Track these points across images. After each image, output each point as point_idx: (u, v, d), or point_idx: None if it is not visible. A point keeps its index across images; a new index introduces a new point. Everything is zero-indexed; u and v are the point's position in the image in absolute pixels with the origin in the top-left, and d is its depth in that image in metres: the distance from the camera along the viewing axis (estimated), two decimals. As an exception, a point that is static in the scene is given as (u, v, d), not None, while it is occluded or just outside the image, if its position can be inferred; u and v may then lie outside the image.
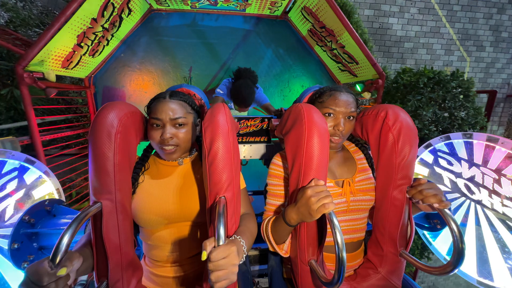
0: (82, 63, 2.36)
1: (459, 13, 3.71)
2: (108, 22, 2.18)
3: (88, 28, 2.04)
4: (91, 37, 2.15)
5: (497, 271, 1.03)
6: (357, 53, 2.34)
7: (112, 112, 0.67)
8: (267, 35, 3.02)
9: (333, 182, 0.82)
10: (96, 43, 2.27)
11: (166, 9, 2.59)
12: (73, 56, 2.15)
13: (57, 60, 2.07)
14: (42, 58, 1.90)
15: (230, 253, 0.54)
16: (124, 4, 2.18)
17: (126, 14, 2.31)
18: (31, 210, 0.90)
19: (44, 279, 0.46)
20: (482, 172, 1.16)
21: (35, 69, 1.86)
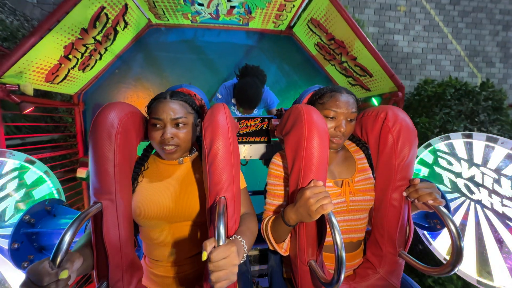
0: (71, 78, 2.17)
1: (465, 30, 3.67)
2: (101, 34, 2.04)
3: (78, 39, 1.88)
4: (81, 49, 1.99)
5: (497, 271, 1.02)
6: (371, 65, 2.14)
7: (112, 112, 0.68)
8: (271, 50, 2.87)
9: (333, 182, 0.84)
10: (87, 57, 2.10)
11: (165, 24, 2.49)
12: (59, 69, 1.96)
13: (40, 72, 1.87)
14: (21, 70, 1.69)
15: (230, 253, 0.55)
16: (120, 16, 2.06)
17: (121, 27, 2.19)
18: (31, 210, 0.90)
19: (44, 279, 0.47)
20: (482, 172, 1.16)
21: (10, 82, 1.61)
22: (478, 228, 1.10)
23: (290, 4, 2.13)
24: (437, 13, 3.62)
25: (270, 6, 2.14)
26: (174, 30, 2.60)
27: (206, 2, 2.06)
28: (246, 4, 2.09)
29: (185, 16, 2.31)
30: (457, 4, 3.67)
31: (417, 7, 3.55)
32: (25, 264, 0.86)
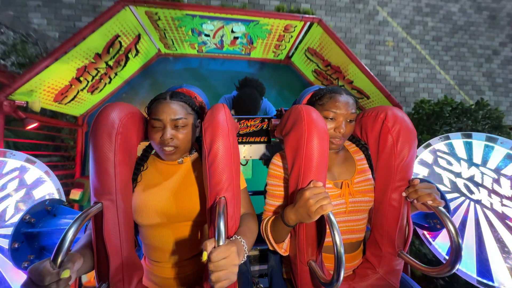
0: (79, 99, 2.24)
1: (450, 62, 3.94)
2: (113, 59, 2.18)
3: (91, 63, 2.00)
4: (93, 72, 2.10)
5: (497, 270, 1.02)
6: (367, 86, 2.24)
7: (112, 112, 0.68)
8: (272, 78, 3.05)
9: (332, 183, 0.83)
10: (97, 80, 2.21)
11: (174, 54, 2.68)
12: (69, 90, 2.04)
13: (50, 92, 1.94)
14: (32, 88, 1.76)
15: (231, 253, 0.55)
16: (132, 45, 2.23)
17: (133, 55, 2.35)
18: (31, 210, 0.90)
19: (46, 279, 0.47)
20: (481, 172, 1.16)
21: (20, 99, 1.67)
22: (477, 228, 1.10)
23: (289, 35, 2.33)
24: (423, 48, 3.92)
25: (270, 37, 2.34)
26: (181, 59, 2.80)
27: (212, 33, 2.26)
28: (248, 35, 2.30)
29: (192, 46, 2.51)
30: (439, 40, 4.00)
31: (404, 43, 3.87)
32: (25, 264, 0.85)
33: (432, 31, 3.95)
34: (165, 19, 2.00)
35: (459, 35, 4.03)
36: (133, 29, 2.08)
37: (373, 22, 3.77)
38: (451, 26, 4.02)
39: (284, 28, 2.18)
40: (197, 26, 2.11)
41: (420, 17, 3.94)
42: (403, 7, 3.90)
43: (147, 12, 1.89)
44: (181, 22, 2.04)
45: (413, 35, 3.88)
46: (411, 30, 3.89)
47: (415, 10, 3.94)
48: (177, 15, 1.94)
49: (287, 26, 2.14)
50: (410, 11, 3.91)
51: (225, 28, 2.15)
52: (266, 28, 2.16)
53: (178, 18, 1.98)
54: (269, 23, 2.08)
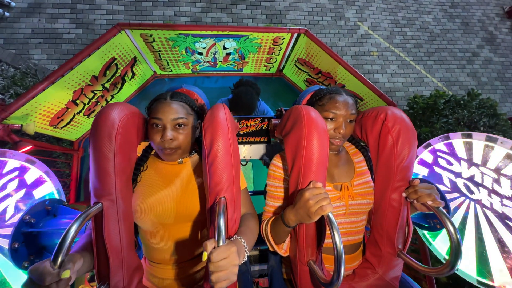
0: (75, 123, 2.24)
1: (435, 66, 4.12)
2: (110, 82, 2.22)
3: (87, 85, 2.03)
4: (89, 95, 2.13)
5: (497, 270, 1.01)
6: (360, 88, 2.29)
7: (112, 113, 0.67)
8: (265, 92, 3.12)
9: (332, 186, 0.83)
10: (93, 102, 2.23)
11: (169, 75, 2.77)
12: (65, 113, 2.04)
13: (46, 116, 1.93)
14: (28, 112, 1.75)
15: (231, 253, 0.54)
16: (128, 67, 2.30)
17: (129, 77, 2.41)
18: (31, 210, 0.89)
19: (46, 279, 0.47)
20: (481, 171, 1.15)
21: (14, 123, 1.65)
22: (478, 228, 1.09)
23: (278, 48, 2.43)
24: (406, 55, 4.13)
25: (260, 51, 2.42)
26: (176, 79, 2.88)
27: (205, 51, 2.36)
28: (240, 50, 2.41)
29: (186, 66, 2.60)
30: (420, 47, 4.19)
31: (388, 52, 4.06)
32: (26, 264, 0.84)
33: (412, 40, 4.19)
34: (160, 40, 2.09)
35: (438, 41, 4.28)
36: (129, 52, 2.16)
37: (356, 35, 4.01)
38: (429, 34, 4.29)
39: (273, 41, 2.29)
40: (190, 45, 2.21)
41: (399, 28, 4.21)
42: (381, 21, 4.19)
43: (142, 34, 1.99)
44: (174, 42, 2.13)
45: (395, 44, 4.10)
46: (393, 40, 4.12)
47: (393, 23, 4.23)
48: (171, 35, 2.03)
49: (275, 39, 2.26)
50: (389, 24, 4.19)
51: (217, 45, 2.25)
52: (256, 42, 2.26)
53: (171, 38, 2.08)
54: (258, 36, 2.18)
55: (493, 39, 4.46)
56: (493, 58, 4.34)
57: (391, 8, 4.29)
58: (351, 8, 4.11)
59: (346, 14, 4.06)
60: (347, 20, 4.03)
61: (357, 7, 4.15)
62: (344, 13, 4.06)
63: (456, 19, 4.46)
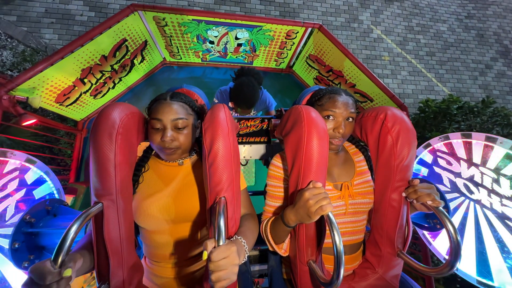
0: (81, 103, 2.22)
1: (446, 75, 4.05)
2: (119, 64, 2.20)
3: (96, 65, 2.01)
4: (97, 75, 2.11)
5: (496, 270, 1.01)
6: (370, 89, 2.24)
7: (113, 113, 0.67)
8: (274, 86, 3.09)
9: (332, 185, 0.82)
10: (101, 83, 2.21)
11: (178, 62, 2.74)
12: (72, 91, 2.02)
13: (52, 92, 1.91)
14: (35, 85, 1.74)
15: (231, 253, 0.54)
16: (139, 50, 2.28)
17: (138, 61, 2.39)
18: (31, 210, 0.89)
19: (47, 278, 0.47)
20: (481, 171, 1.15)
21: (20, 94, 1.64)
22: (477, 228, 1.09)
23: (290, 42, 2.40)
24: (418, 62, 4.10)
25: (272, 44, 2.40)
26: (185, 68, 2.86)
27: (216, 40, 2.34)
28: (251, 41, 2.38)
29: (196, 54, 2.58)
30: (433, 55, 4.14)
31: (399, 57, 4.01)
32: (26, 263, 0.84)
33: (425, 47, 4.13)
34: (172, 25, 2.07)
35: (451, 51, 4.21)
36: (140, 35, 2.14)
37: (369, 39, 3.96)
38: (443, 43, 4.22)
39: (286, 35, 2.26)
40: (202, 33, 2.19)
41: (412, 35, 4.16)
42: (395, 26, 4.14)
43: (155, 17, 1.97)
44: (187, 28, 2.11)
45: (408, 51, 4.04)
46: (405, 46, 4.07)
47: (407, 29, 4.17)
48: (184, 20, 2.01)
49: (289, 32, 2.22)
50: (402, 30, 4.14)
51: (229, 34, 2.22)
52: (269, 34, 2.23)
53: (184, 23, 2.05)
54: (272, 28, 2.15)
55: (507, 52, 4.38)
56: (506, 72, 4.26)
57: (406, 14, 4.24)
58: (366, 11, 4.06)
59: (360, 16, 4.01)
60: (361, 22, 3.99)
61: (372, 10, 4.11)
62: (358, 15, 4.01)
63: (471, 30, 4.39)
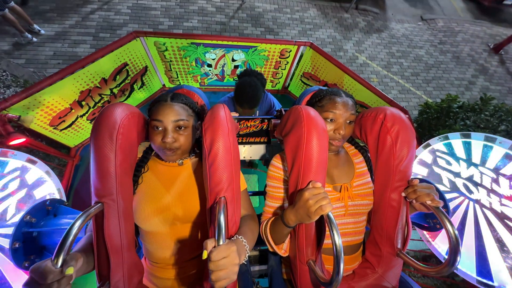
0: (76, 127, 2.16)
1: (435, 92, 4.23)
2: (119, 88, 2.23)
3: (95, 87, 2.03)
4: (96, 98, 2.11)
5: (496, 270, 1.01)
6: (368, 97, 2.27)
7: (114, 113, 0.67)
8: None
9: (331, 187, 0.82)
10: (99, 107, 2.20)
11: (177, 88, 2.82)
12: (68, 114, 1.98)
13: (47, 113, 1.86)
14: (30, 106, 1.70)
15: (231, 252, 0.54)
16: (139, 76, 2.34)
17: (138, 86, 2.44)
18: (32, 210, 0.89)
19: (48, 277, 0.47)
20: (480, 171, 1.15)
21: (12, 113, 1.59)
22: (477, 228, 1.08)
23: (284, 61, 2.51)
24: (405, 82, 4.33)
25: (267, 64, 2.50)
26: (184, 94, 2.93)
27: (214, 63, 2.44)
28: (247, 63, 2.51)
29: (195, 79, 2.67)
30: (418, 75, 4.39)
31: (387, 78, 4.22)
32: (26, 263, 0.84)
33: (409, 69, 4.41)
34: (172, 49, 2.17)
35: (434, 71, 4.49)
36: (141, 60, 2.22)
37: (355, 64, 4.24)
38: (424, 65, 4.53)
39: (280, 54, 2.39)
40: (200, 56, 2.30)
41: (395, 59, 4.49)
42: (378, 52, 4.49)
43: (156, 42, 2.08)
44: (186, 52, 2.22)
45: (393, 72, 4.29)
46: (390, 69, 4.33)
47: (388, 55, 4.53)
48: (183, 44, 2.13)
49: (282, 51, 2.35)
50: (385, 55, 4.49)
51: (226, 56, 2.34)
52: (264, 54, 2.36)
53: (183, 47, 2.17)
54: (266, 48, 2.29)
55: (485, 70, 4.69)
56: (490, 87, 4.48)
57: (385, 43, 4.66)
58: (349, 42, 4.46)
59: (344, 46, 4.39)
60: (346, 51, 4.33)
61: (354, 41, 4.51)
62: (343, 45, 4.39)
63: (447, 53, 4.79)
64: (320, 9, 4.78)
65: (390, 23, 5.05)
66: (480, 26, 5.49)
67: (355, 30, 4.65)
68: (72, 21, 3.69)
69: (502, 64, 4.87)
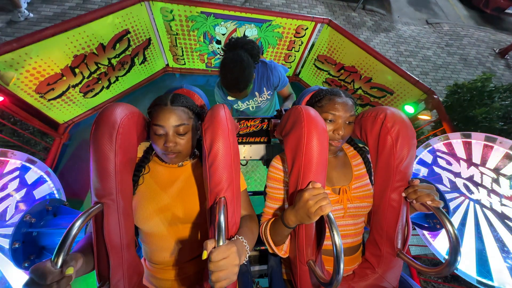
0: (67, 99, 1.91)
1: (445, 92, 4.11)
2: (118, 59, 2.00)
3: (92, 54, 1.80)
4: (92, 67, 1.88)
5: (496, 270, 1.01)
6: (390, 79, 2.08)
7: (113, 113, 0.67)
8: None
9: (330, 189, 0.83)
10: (94, 78, 1.96)
11: (181, 69, 2.61)
12: (58, 81, 1.74)
13: (34, 76, 1.63)
14: (15, 61, 1.47)
15: (231, 253, 0.55)
16: (141, 48, 2.13)
17: (139, 61, 2.22)
18: (32, 210, 0.90)
19: (48, 278, 0.47)
20: (480, 171, 1.14)
21: (-9, 67, 1.35)
22: (477, 228, 1.09)
23: (299, 41, 2.34)
24: (415, 80, 4.26)
25: (281, 43, 2.33)
26: (188, 77, 2.73)
27: (224, 39, 2.29)
28: (260, 41, 2.34)
29: (201, 58, 2.48)
30: (427, 74, 4.20)
31: (396, 76, 4.22)
32: (26, 263, 0.84)
33: (418, 68, 4.35)
34: (179, 19, 1.97)
35: (442, 71, 4.44)
36: (145, 30, 2.02)
37: (364, 61, 4.16)
38: (432, 65, 4.48)
39: (295, 32, 2.23)
40: (209, 29, 2.12)
41: (404, 58, 4.43)
42: (386, 51, 4.44)
43: (163, 9, 1.88)
44: (194, 24, 2.04)
45: (403, 70, 4.23)
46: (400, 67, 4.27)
47: (397, 53, 4.47)
48: (192, 13, 1.95)
49: (298, 29, 2.20)
50: (394, 54, 4.43)
51: (238, 31, 2.18)
52: (278, 31, 2.21)
53: (192, 17, 1.98)
54: (281, 24, 2.13)
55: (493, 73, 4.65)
56: (499, 88, 4.41)
57: (393, 42, 4.62)
58: (357, 39, 4.39)
59: (352, 43, 4.30)
60: (355, 48, 4.25)
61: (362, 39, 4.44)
62: (351, 42, 4.31)
63: (454, 55, 4.76)
64: (328, 7, 4.74)
65: (396, 24, 5.04)
66: (485, 32, 5.52)
67: (363, 29, 4.61)
68: (72, 3, 3.52)
69: (509, 68, 4.85)
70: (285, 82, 1.45)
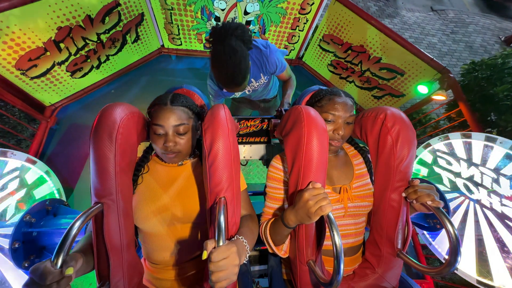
0: (53, 79, 1.72)
1: (450, 79, 4.01)
2: (108, 34, 1.84)
3: (78, 27, 1.62)
4: (79, 42, 1.70)
5: (496, 270, 1.01)
6: (401, 58, 1.96)
7: (113, 113, 0.68)
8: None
9: (331, 188, 0.83)
10: (82, 56, 1.79)
11: (177, 50, 2.45)
12: (41, 56, 1.56)
13: (12, 50, 1.44)
14: (-14, 31, 1.30)
15: (231, 253, 0.55)
16: (133, 24, 1.96)
17: (131, 39, 2.05)
18: (32, 210, 0.90)
19: (48, 278, 0.48)
20: (481, 171, 1.14)
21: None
22: (477, 228, 1.09)
23: (304, 18, 2.23)
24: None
25: (284, 21, 2.21)
26: (185, 59, 2.57)
27: (223, 15, 2.13)
28: (261, 19, 2.19)
29: (199, 37, 2.33)
30: None
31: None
32: (26, 263, 0.85)
33: (423, 55, 4.24)
34: (175, -8, 1.84)
35: (448, 58, 4.33)
36: (137, 2, 1.87)
37: (368, 47, 4.02)
38: (438, 52, 4.37)
39: (300, 7, 2.08)
40: (207, 3, 1.96)
41: (408, 45, 4.31)
42: (391, 37, 4.31)
43: (156, -22, 1.74)
44: (191, -3, 1.89)
45: (408, 57, 4.11)
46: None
47: (401, 40, 4.34)
48: (189, -17, 1.80)
49: (303, 4, 2.04)
50: (398, 40, 4.30)
51: (238, 6, 2.01)
52: (282, 7, 2.05)
53: (189, -10, 1.84)
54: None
55: (499, 60, 4.54)
56: (505, 77, 4.32)
57: (398, 29, 4.49)
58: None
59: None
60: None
61: (366, 25, 4.30)
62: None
63: (459, 42, 4.64)
64: (330, -9, 4.56)
65: (401, 11, 4.90)
66: (490, 19, 5.39)
67: (367, 14, 4.43)
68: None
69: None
70: (283, 67, 1.33)
